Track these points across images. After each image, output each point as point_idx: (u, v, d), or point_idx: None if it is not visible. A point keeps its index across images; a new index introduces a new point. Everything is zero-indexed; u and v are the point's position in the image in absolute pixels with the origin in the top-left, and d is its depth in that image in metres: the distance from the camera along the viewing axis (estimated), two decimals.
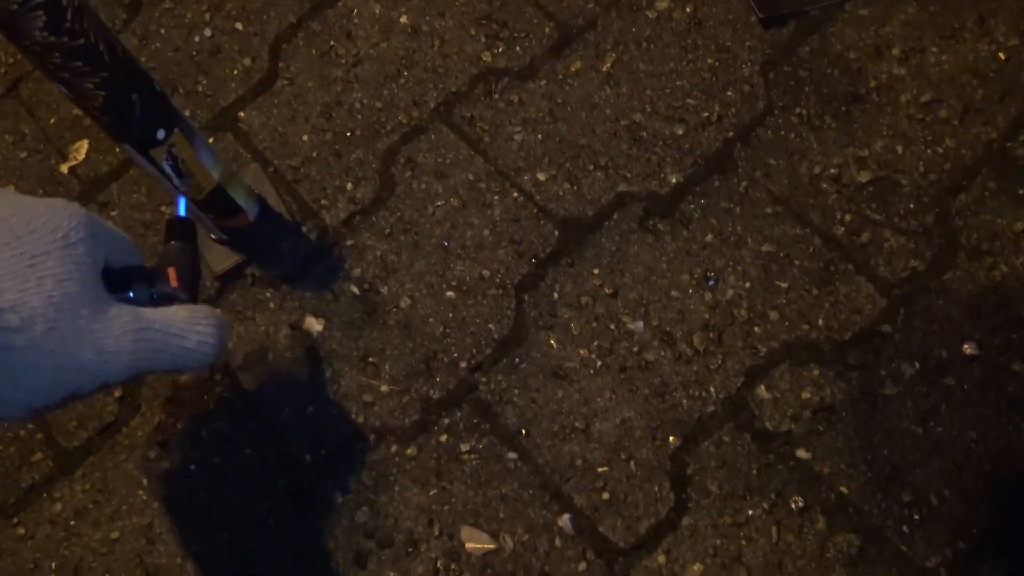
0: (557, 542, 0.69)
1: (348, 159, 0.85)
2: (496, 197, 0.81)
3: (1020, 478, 0.67)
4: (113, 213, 0.86)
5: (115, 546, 0.74)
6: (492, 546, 0.69)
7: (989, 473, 0.67)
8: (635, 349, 0.74)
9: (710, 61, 0.84)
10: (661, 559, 0.68)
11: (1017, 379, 0.69)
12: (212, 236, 0.80)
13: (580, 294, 0.77)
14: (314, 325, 0.78)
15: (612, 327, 0.75)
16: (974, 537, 0.65)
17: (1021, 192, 0.75)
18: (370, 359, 0.77)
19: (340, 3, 0.92)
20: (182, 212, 0.62)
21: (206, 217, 0.76)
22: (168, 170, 0.67)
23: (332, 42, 0.90)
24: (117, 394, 0.78)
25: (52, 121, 0.91)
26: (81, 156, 0.90)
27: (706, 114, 0.82)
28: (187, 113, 0.83)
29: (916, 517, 0.66)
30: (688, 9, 0.86)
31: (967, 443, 0.68)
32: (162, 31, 0.93)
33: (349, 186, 0.84)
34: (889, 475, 0.68)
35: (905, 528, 0.66)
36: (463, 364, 0.76)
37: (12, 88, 0.93)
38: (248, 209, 0.79)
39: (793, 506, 0.68)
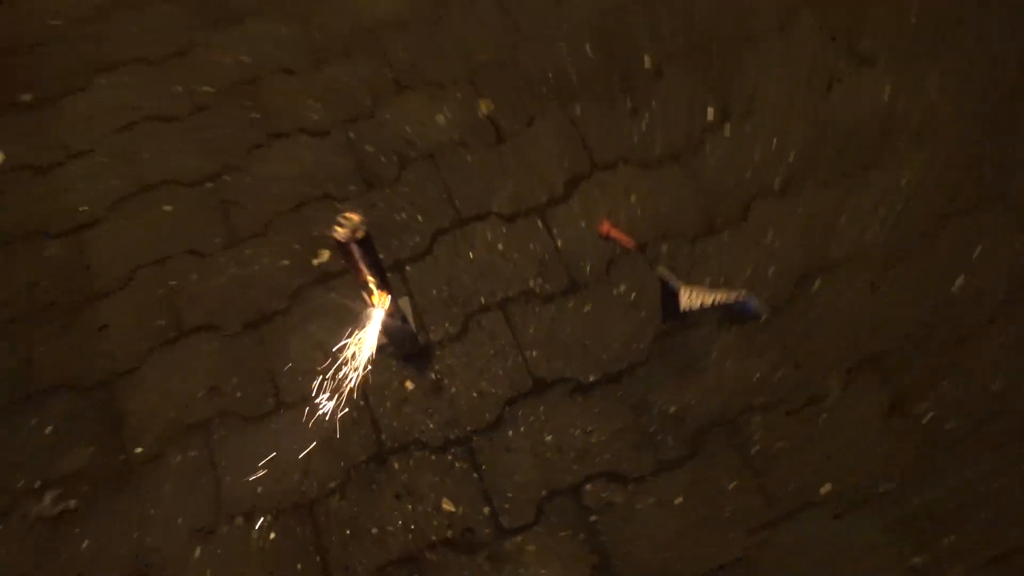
0: None
1: (454, 308, 1.73)
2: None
3: None
4: (333, 294, 1.75)
5: None
6: None
7: None
8: None
9: None
10: None
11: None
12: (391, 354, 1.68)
13: None
14: (407, 384, 1.67)
15: None
16: None
17: None
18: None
19: (469, 226, 1.79)
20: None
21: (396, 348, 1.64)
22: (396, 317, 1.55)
23: (471, 253, 1.77)
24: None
25: (314, 234, 1.81)
26: (325, 258, 1.79)
27: None
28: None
29: None
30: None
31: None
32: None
33: (446, 323, 1.72)
34: None
35: None
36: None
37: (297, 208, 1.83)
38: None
39: None
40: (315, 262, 1.80)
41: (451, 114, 1.93)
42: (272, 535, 1.55)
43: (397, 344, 1.68)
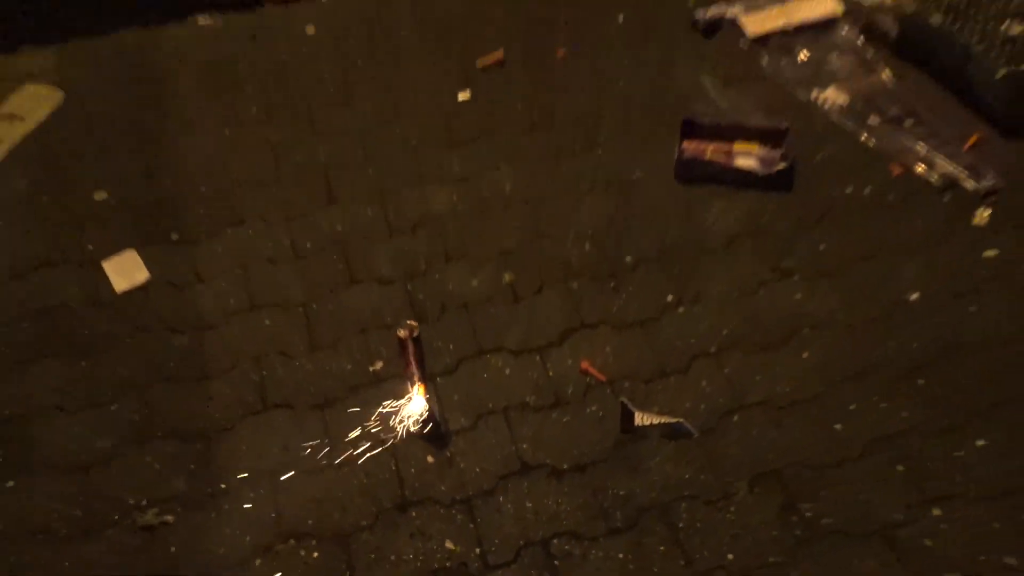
0: None
1: (468, 410, 2.34)
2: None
3: None
4: (382, 392, 2.37)
5: None
6: None
7: None
8: None
9: None
10: None
11: None
12: (419, 436, 2.29)
13: None
14: (429, 458, 2.25)
15: None
16: None
17: None
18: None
19: (486, 356, 2.45)
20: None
21: (424, 432, 2.26)
22: (429, 403, 2.18)
23: (486, 374, 2.42)
24: None
25: (372, 350, 2.47)
26: (379, 367, 2.44)
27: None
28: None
29: None
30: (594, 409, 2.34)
31: None
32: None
33: (462, 419, 2.32)
34: None
35: None
36: None
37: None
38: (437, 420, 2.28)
39: None
40: (371, 368, 2.44)
41: (483, 280, 2.66)
42: (315, 554, 2.07)
43: (425, 429, 2.28)
